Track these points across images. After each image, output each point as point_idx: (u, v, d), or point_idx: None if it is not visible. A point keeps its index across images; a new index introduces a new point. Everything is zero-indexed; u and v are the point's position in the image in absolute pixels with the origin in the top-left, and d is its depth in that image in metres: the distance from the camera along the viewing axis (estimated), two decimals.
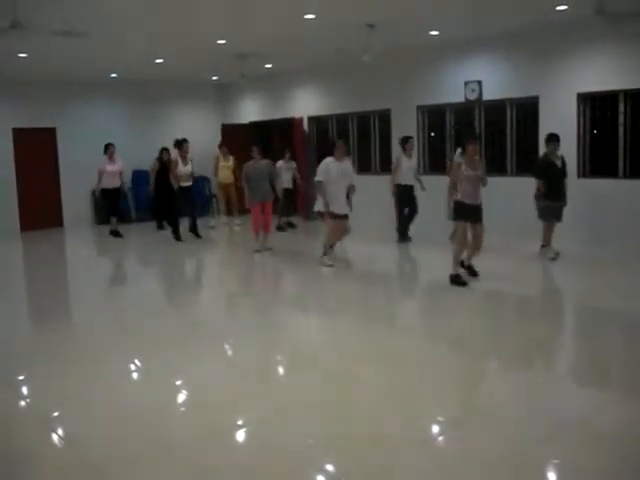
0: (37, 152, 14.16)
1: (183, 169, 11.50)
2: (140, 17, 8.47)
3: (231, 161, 13.30)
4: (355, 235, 9.88)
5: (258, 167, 10.14)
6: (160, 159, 12.92)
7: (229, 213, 13.82)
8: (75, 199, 14.54)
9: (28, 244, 12.90)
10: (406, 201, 10.61)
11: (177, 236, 11.78)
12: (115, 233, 12.64)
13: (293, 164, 12.95)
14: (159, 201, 12.97)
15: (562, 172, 8.88)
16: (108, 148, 12.47)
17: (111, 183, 12.41)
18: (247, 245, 10.85)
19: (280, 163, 12.46)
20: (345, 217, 9.04)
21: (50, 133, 14.23)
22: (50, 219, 14.29)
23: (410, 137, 10.80)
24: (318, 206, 9.14)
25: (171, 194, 11.75)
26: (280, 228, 12.59)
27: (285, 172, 12.53)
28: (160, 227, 13.35)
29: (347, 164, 9.15)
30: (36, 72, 12.73)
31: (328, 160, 8.95)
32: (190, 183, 11.69)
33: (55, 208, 14.44)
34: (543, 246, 8.97)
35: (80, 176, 14.22)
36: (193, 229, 11.86)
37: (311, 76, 14.17)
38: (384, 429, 3.98)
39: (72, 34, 7.51)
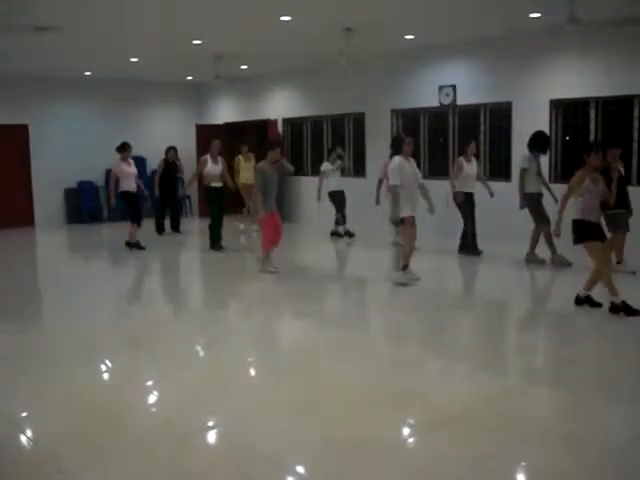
0: (8, 149, 13.94)
1: (212, 168, 10.58)
2: (115, 15, 8.41)
3: (253, 161, 12.10)
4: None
5: (273, 171, 8.70)
6: (165, 159, 12.39)
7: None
8: (47, 198, 14.37)
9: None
10: (471, 209, 9.64)
11: (217, 245, 10.51)
12: (137, 245, 10.76)
13: (339, 163, 11.39)
14: (163, 204, 12.49)
15: (625, 179, 8.19)
16: (126, 148, 10.86)
17: (131, 185, 10.86)
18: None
19: (326, 165, 11.38)
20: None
21: (22, 130, 14.03)
22: (21, 218, 14.07)
23: (472, 140, 9.76)
24: (403, 211, 7.71)
25: (176, 196, 12.34)
26: (339, 234, 11.57)
27: (333, 173, 11.32)
28: (160, 231, 12.55)
29: (413, 162, 7.95)
30: (7, 68, 12.54)
31: (399, 159, 7.67)
32: (221, 184, 10.68)
33: (26, 207, 14.24)
34: (618, 262, 8.11)
35: (53, 174, 14.14)
36: (218, 238, 10.55)
37: (286, 78, 14.16)
38: None
39: (45, 29, 7.43)
